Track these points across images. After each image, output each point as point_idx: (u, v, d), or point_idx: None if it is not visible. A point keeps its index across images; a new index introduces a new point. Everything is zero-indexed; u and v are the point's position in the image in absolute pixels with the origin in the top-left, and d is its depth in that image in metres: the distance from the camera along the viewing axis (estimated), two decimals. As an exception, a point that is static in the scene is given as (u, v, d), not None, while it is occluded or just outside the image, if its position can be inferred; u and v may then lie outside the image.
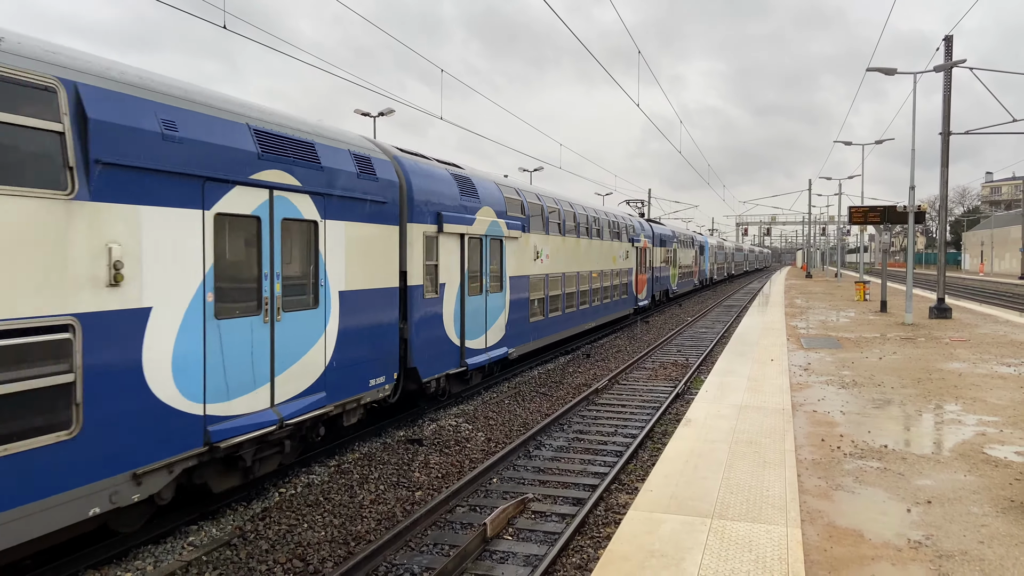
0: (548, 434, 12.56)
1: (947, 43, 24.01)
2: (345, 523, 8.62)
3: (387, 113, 34.40)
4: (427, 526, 8.50)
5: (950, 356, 16.49)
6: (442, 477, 10.33)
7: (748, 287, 65.46)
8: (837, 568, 5.63)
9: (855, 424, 10.13)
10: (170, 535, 8.16)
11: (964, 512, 6.79)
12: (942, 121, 24.67)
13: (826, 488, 7.49)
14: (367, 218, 10.88)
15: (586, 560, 7.60)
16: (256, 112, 8.98)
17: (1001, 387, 12.71)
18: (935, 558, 5.79)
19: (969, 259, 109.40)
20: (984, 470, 8.05)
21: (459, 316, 14.24)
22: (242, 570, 7.39)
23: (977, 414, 10.71)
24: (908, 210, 25.67)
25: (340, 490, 9.65)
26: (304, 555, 7.72)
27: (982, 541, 6.12)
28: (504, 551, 7.87)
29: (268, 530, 8.33)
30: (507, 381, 17.41)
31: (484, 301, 15.41)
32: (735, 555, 5.71)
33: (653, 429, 12.71)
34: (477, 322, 15.07)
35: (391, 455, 11.20)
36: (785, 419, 10.19)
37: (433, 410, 14.07)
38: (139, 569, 7.40)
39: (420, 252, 12.63)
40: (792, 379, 13.51)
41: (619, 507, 9.07)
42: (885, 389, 12.60)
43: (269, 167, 8.75)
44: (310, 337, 9.61)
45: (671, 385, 16.96)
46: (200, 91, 8.23)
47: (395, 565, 7.53)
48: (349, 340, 10.45)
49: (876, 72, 24.95)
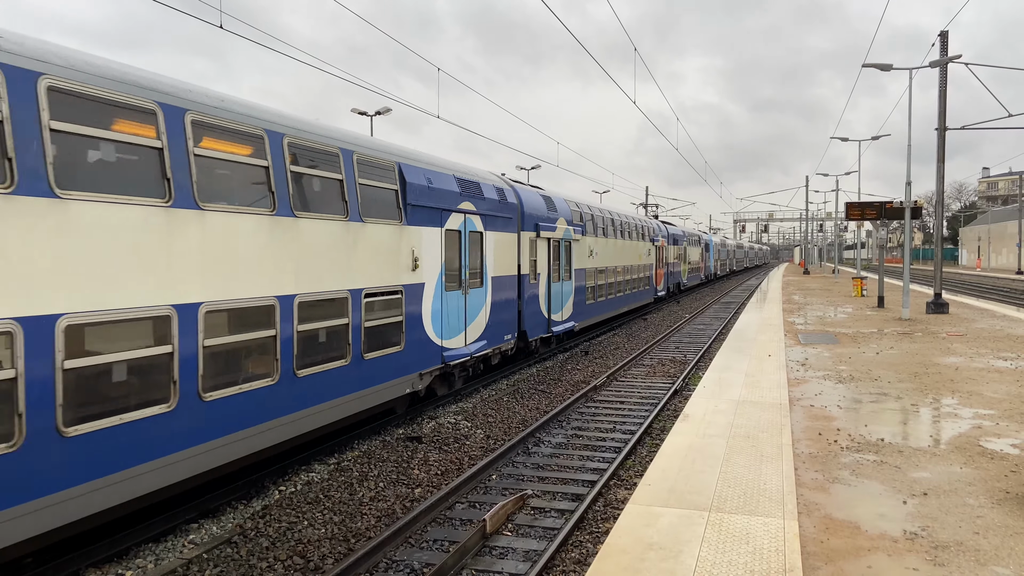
0: (547, 431, 12.61)
1: (942, 38, 24.05)
2: (345, 520, 8.66)
3: (384, 112, 34.44)
4: (427, 523, 8.54)
5: (947, 351, 16.55)
6: (441, 474, 10.37)
7: (746, 283, 65.53)
8: (833, 559, 5.68)
9: (852, 418, 10.18)
10: (171, 533, 8.19)
11: (960, 504, 6.84)
12: (938, 117, 24.74)
13: (823, 481, 7.54)
14: (502, 229, 16.74)
15: (585, 555, 7.65)
16: (453, 163, 15.07)
17: (997, 381, 12.77)
18: (931, 549, 5.84)
19: (966, 254, 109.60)
20: (980, 462, 8.10)
21: (547, 297, 19.93)
22: (243, 567, 7.43)
23: (973, 407, 10.77)
24: (905, 206, 25.73)
25: (340, 487, 9.69)
26: (305, 552, 7.76)
27: (977, 532, 6.17)
28: (504, 547, 7.91)
29: (268, 527, 8.36)
30: (505, 379, 17.45)
31: (561, 287, 21.13)
32: (733, 547, 5.76)
33: (651, 425, 12.76)
34: (557, 302, 20.77)
35: (390, 453, 11.23)
36: (782, 414, 10.23)
37: (432, 408, 14.12)
38: (140, 567, 7.43)
39: (527, 251, 18.39)
40: (789, 374, 13.56)
41: (618, 502, 9.12)
42: (882, 383, 12.65)
43: (464, 200, 14.57)
44: (480, 305, 15.61)
45: (669, 381, 17.01)
46: (430, 156, 13.89)
47: (395, 561, 7.57)
48: (496, 309, 16.43)
49: (872, 68, 24.99)
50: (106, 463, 6.89)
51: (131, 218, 7.16)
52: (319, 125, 10.52)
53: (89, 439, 6.70)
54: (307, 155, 9.94)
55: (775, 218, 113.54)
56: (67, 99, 6.62)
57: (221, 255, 8.32)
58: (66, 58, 6.76)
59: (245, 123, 8.82)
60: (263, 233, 8.94)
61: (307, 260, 9.69)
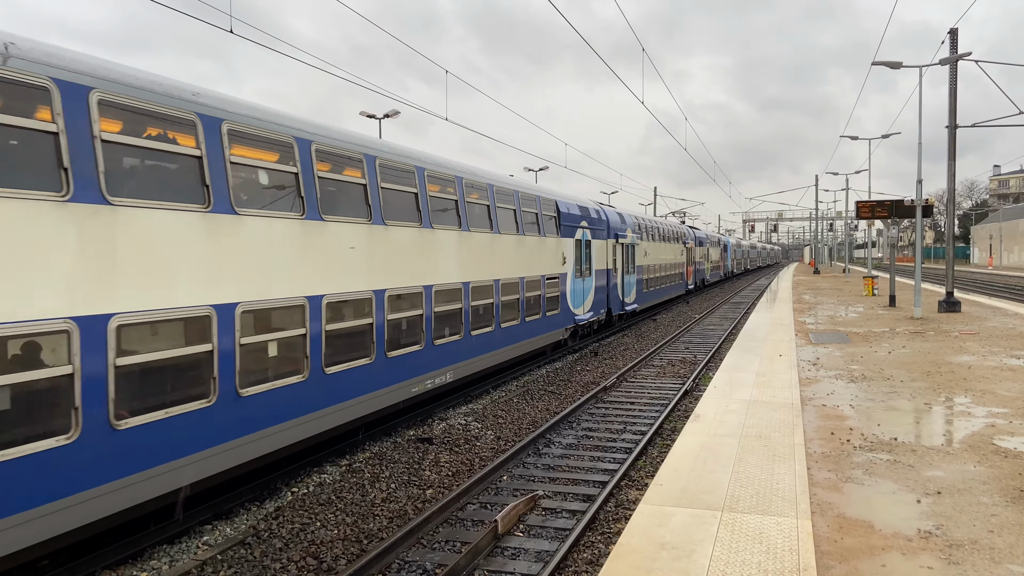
0: (557, 432, 12.61)
1: (952, 36, 23.93)
2: (357, 521, 8.69)
3: (392, 115, 34.51)
4: (439, 523, 8.56)
5: (959, 349, 16.45)
6: (452, 475, 10.39)
7: (756, 283, 65.32)
8: (847, 558, 5.66)
9: (864, 417, 10.14)
10: (185, 535, 8.24)
11: (974, 502, 6.80)
12: (948, 114, 24.61)
13: (836, 480, 7.51)
14: (597, 236, 24.13)
15: (597, 555, 7.64)
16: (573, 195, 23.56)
17: (1011, 379, 12.69)
18: (945, 547, 5.81)
19: (978, 253, 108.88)
20: (994, 461, 8.05)
21: (621, 285, 27.33)
22: (256, 568, 7.46)
23: (987, 406, 10.70)
24: (916, 204, 25.59)
25: (352, 489, 9.72)
26: (318, 553, 7.79)
27: (992, 530, 6.13)
28: (515, 547, 7.91)
29: (282, 528, 8.40)
30: (515, 380, 17.47)
31: (631, 279, 29.02)
32: (746, 547, 5.75)
33: (662, 426, 12.74)
34: (627, 289, 28.40)
35: (401, 454, 11.26)
36: (794, 413, 10.20)
37: (442, 409, 14.14)
38: (155, 568, 7.48)
39: (610, 252, 25.75)
40: (801, 374, 13.51)
41: (629, 503, 9.11)
42: (894, 383, 12.59)
43: (581, 221, 22.37)
44: (589, 288, 23.06)
45: (679, 382, 16.98)
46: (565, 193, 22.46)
47: (408, 562, 7.59)
48: (598, 291, 23.98)
49: (882, 66, 24.88)
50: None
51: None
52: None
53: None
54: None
55: (784, 217, 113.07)
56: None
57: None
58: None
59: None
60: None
61: (521, 258, 17.46)
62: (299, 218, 9.46)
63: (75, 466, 6.54)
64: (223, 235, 8.21)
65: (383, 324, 11.19)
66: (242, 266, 8.46)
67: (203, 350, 7.91)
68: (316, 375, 9.68)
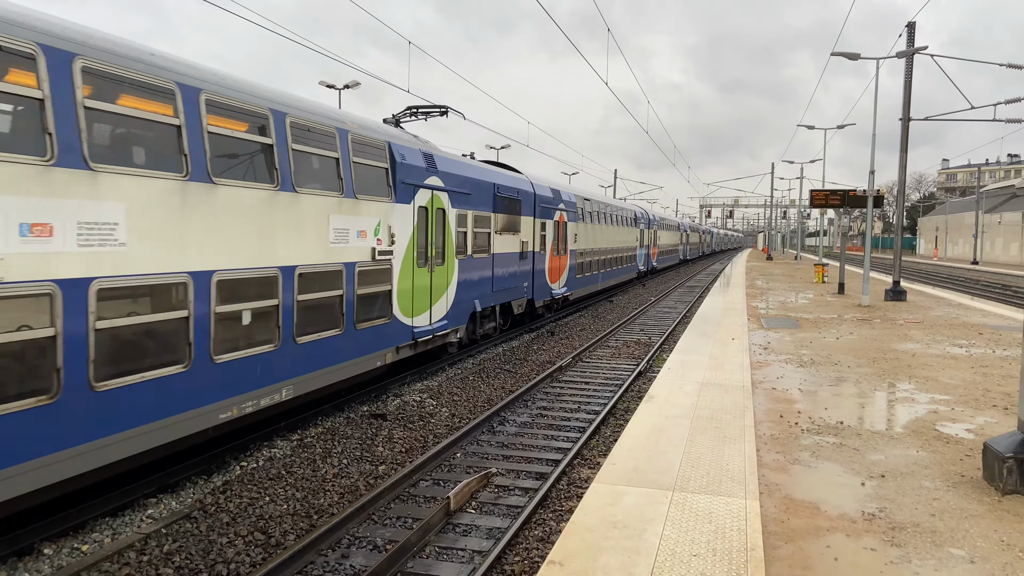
0: (512, 410, 12.62)
1: (910, 29, 24.34)
2: (308, 496, 8.58)
3: (352, 86, 33.90)
4: (390, 500, 8.50)
5: (904, 337, 16.89)
6: (406, 452, 10.33)
7: (711, 268, 66.23)
8: (794, 539, 5.76)
9: (812, 401, 10.35)
10: (128, 507, 8.04)
11: (916, 486, 6.99)
12: (902, 107, 25.08)
13: (784, 462, 7.65)
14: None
15: (548, 532, 7.67)
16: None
17: (953, 367, 13.07)
18: (888, 529, 5.96)
19: (924, 244, 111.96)
20: (936, 446, 8.29)
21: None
22: (202, 543, 7.32)
23: (930, 392, 11.01)
24: (867, 194, 26.12)
25: (302, 464, 9.60)
26: (266, 528, 7.67)
27: (934, 514, 6.30)
28: (467, 524, 7.90)
29: (229, 503, 8.25)
30: (471, 358, 17.42)
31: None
32: (695, 526, 5.81)
33: (616, 406, 12.84)
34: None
35: (354, 430, 11.15)
36: (745, 396, 10.36)
37: (397, 385, 14.04)
38: (96, 541, 7.29)
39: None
40: (752, 358, 13.73)
41: (582, 481, 9.16)
42: (842, 368, 12.88)
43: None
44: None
45: (634, 363, 17.13)
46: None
47: (358, 538, 7.52)
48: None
49: (841, 57, 25.21)
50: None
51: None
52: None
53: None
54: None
55: (740, 204, 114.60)
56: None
57: None
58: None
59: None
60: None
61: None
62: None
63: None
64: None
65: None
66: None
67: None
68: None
